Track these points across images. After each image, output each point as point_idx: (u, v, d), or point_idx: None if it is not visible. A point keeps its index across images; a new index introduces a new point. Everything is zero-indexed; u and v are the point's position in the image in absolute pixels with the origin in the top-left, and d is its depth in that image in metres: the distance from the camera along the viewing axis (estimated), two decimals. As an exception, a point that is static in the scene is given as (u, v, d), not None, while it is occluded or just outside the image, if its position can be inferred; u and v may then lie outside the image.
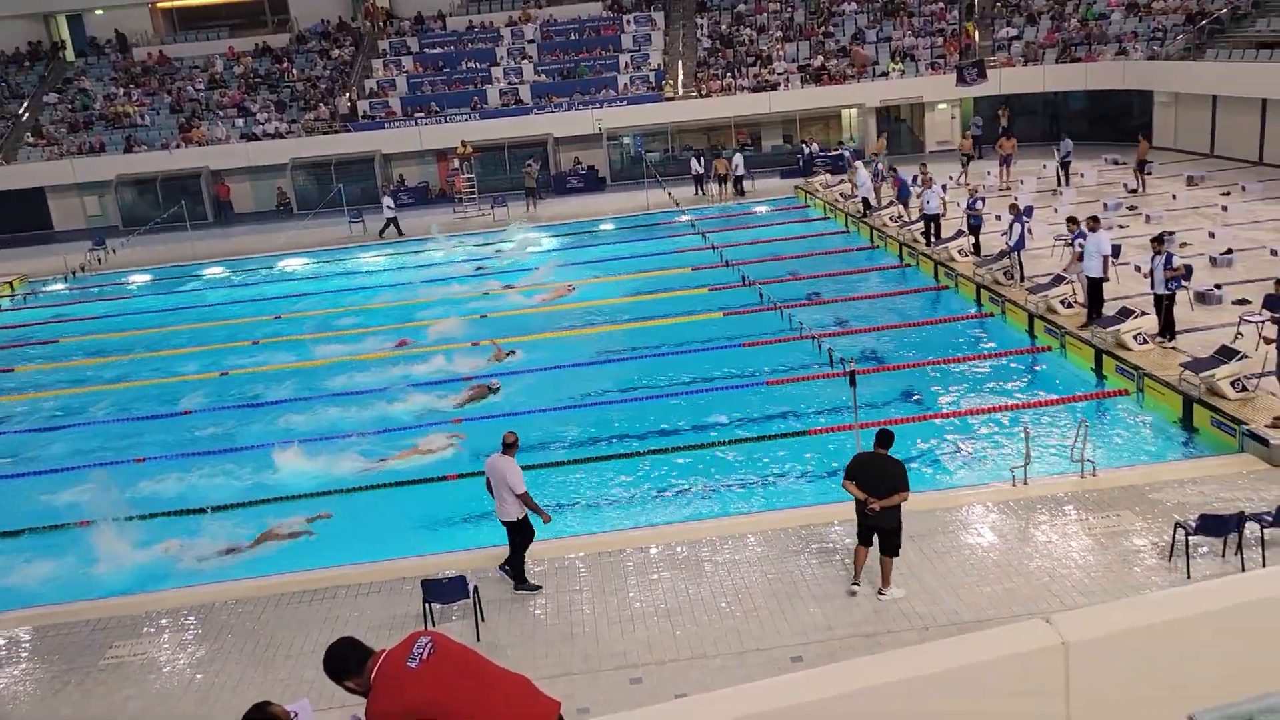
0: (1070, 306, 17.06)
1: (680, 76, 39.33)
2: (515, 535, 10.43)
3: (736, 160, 33.52)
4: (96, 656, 10.06)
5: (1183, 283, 15.68)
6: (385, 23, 43.94)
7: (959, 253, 21.33)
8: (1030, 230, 19.90)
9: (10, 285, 30.38)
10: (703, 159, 34.71)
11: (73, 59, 44.24)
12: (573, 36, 42.13)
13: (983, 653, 3.82)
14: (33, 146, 38.89)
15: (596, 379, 17.60)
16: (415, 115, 38.68)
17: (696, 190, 34.04)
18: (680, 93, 38.47)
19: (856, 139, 37.79)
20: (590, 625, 9.75)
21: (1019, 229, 18.81)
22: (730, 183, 33.38)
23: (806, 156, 35.30)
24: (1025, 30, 37.48)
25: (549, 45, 41.72)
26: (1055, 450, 12.89)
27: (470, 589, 9.75)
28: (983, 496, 11.61)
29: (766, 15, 41.73)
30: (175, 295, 28.30)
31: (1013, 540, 10.60)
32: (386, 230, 32.12)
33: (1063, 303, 17.13)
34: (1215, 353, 13.58)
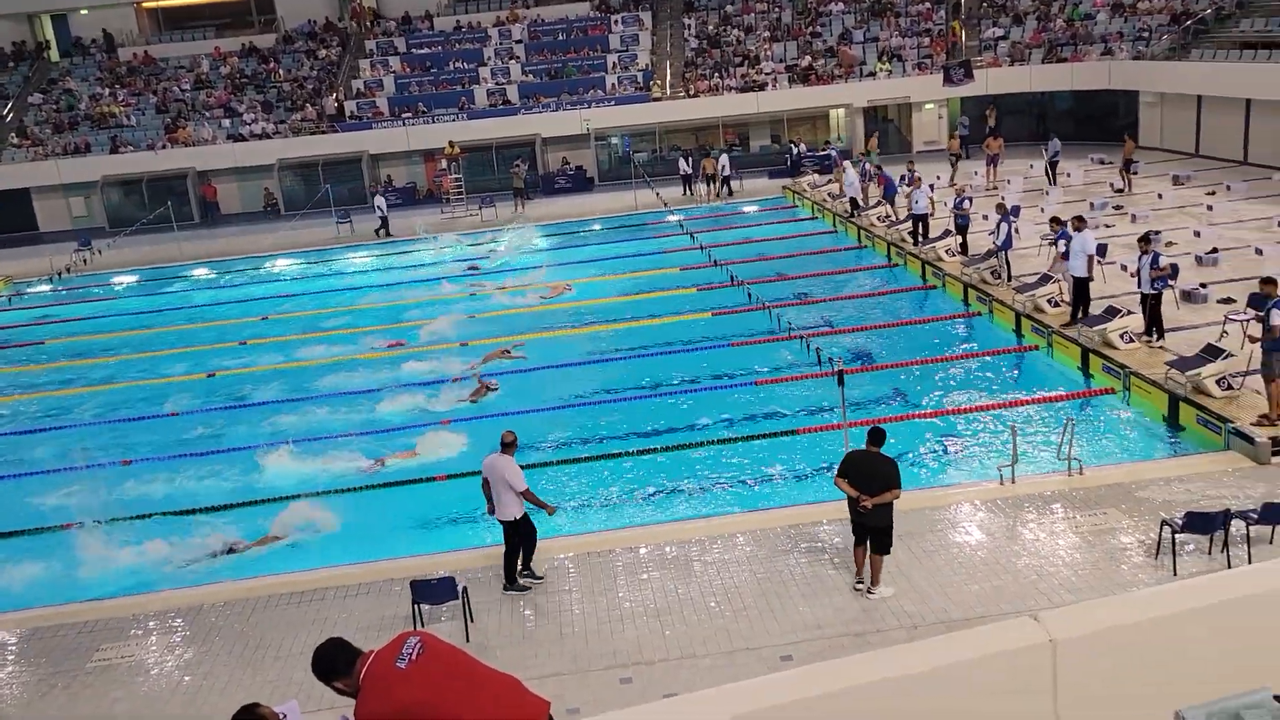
0: (1057, 305, 17.13)
1: (668, 77, 39.35)
2: (513, 535, 10.45)
3: (723, 160, 33.53)
4: (84, 659, 10.00)
5: (1169, 282, 15.77)
6: (372, 23, 43.83)
7: (946, 252, 21.41)
8: (1017, 230, 19.98)
9: (-5, 287, 30.23)
10: (690, 159, 34.74)
11: (57, 59, 44.00)
12: (560, 37, 42.10)
13: (971, 650, 3.83)
14: (17, 147, 38.66)
15: (585, 379, 17.59)
16: (402, 115, 38.60)
17: (684, 190, 34.06)
18: (668, 93, 38.49)
19: (844, 139, 37.87)
20: (580, 625, 9.75)
21: (1006, 228, 18.89)
22: (718, 182, 33.41)
23: (794, 156, 35.37)
24: (1011, 30, 37.63)
25: (536, 45, 41.69)
26: (1042, 449, 12.95)
27: (459, 590, 9.74)
28: (970, 495, 11.65)
29: (754, 15, 41.77)
30: (162, 296, 28.17)
31: (1000, 538, 10.65)
32: (382, 230, 32.10)
33: (1050, 302, 17.20)
34: (1201, 351, 13.67)
